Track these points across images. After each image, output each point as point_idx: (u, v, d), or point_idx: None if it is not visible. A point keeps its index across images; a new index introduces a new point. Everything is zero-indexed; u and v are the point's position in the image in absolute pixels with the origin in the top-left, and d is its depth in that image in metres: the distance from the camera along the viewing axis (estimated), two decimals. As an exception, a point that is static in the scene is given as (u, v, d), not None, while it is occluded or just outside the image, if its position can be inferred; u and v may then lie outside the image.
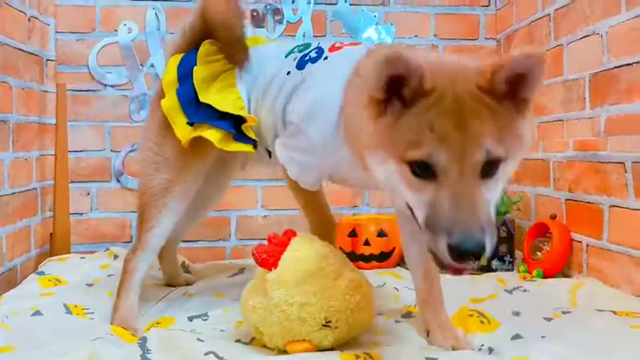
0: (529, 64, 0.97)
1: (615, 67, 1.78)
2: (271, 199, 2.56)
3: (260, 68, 1.57)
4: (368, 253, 2.24)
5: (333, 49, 1.48)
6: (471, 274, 2.09)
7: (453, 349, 1.29)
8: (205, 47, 1.58)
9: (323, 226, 1.54)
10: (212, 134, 1.48)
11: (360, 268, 2.16)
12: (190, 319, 1.58)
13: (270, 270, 1.29)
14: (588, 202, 1.91)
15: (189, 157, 1.55)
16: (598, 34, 1.88)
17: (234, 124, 1.51)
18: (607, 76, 1.83)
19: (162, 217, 1.54)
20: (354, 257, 2.24)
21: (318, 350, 1.26)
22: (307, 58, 1.48)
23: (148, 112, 1.71)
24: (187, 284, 1.97)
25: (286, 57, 1.54)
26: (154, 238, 1.55)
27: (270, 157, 1.59)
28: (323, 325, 1.25)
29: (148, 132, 1.62)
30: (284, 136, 1.44)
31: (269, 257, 1.31)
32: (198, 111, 1.50)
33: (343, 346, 1.30)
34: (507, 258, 2.15)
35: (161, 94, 1.60)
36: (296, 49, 1.55)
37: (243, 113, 1.51)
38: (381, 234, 2.25)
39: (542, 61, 0.98)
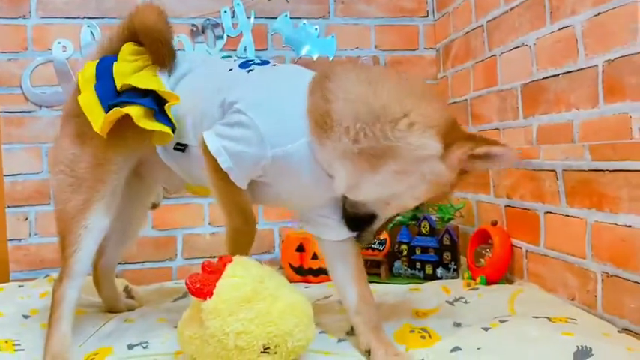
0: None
1: (544, 78, 1.84)
2: (218, 217, 2.52)
3: (186, 69, 1.53)
4: (316, 267, 2.23)
5: (276, 63, 1.50)
6: (417, 282, 2.12)
7: None
8: (128, 47, 1.52)
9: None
10: (133, 109, 1.39)
11: (309, 282, 2.22)
12: (130, 347, 1.54)
13: (205, 299, 1.26)
14: (525, 209, 1.96)
15: (105, 172, 1.48)
16: (527, 45, 1.93)
17: (155, 103, 1.43)
18: (536, 86, 1.88)
19: (84, 239, 1.47)
20: (302, 272, 2.24)
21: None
22: (251, 62, 1.46)
23: (57, 132, 1.60)
24: (129, 310, 1.91)
25: (223, 58, 1.54)
26: (77, 263, 1.48)
27: (183, 151, 1.49)
28: (262, 352, 1.23)
29: (59, 153, 1.54)
30: (219, 124, 1.36)
31: (203, 286, 1.27)
32: (117, 97, 1.42)
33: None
34: (452, 265, 2.18)
35: (73, 104, 1.51)
36: (234, 56, 1.54)
37: (164, 90, 1.44)
38: (328, 247, 2.25)
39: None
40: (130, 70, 1.47)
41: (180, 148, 1.49)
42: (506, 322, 1.48)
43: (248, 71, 1.44)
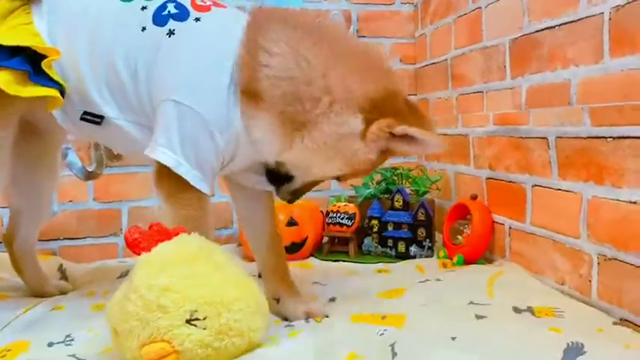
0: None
1: (536, 31, 1.60)
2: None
3: (71, 3, 1.30)
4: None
5: (199, 7, 1.25)
6: (388, 262, 1.92)
7: (307, 316, 1.33)
8: None
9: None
10: (0, 76, 1.17)
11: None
12: (50, 344, 1.29)
13: (140, 254, 1.06)
14: (510, 182, 1.75)
15: None
16: (518, -6, 1.69)
17: (29, 63, 1.20)
18: (528, 41, 1.65)
19: None
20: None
21: (179, 357, 1.00)
22: (166, 12, 1.23)
23: None
24: (62, 293, 1.67)
25: (124, 0, 1.29)
26: None
27: (99, 123, 1.29)
28: (187, 321, 1.00)
29: None
30: (159, 132, 1.20)
31: (142, 240, 1.08)
32: None
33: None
34: (426, 243, 1.97)
35: None
36: None
37: (38, 45, 1.21)
38: (291, 222, 2.02)
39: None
40: None
41: (95, 120, 1.28)
42: (485, 319, 1.27)
43: (168, 34, 1.23)
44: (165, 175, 1.21)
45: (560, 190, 1.51)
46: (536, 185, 1.62)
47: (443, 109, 2.24)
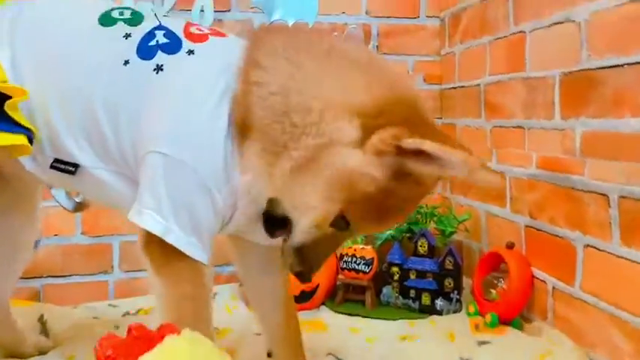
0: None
1: (598, 68, 1.36)
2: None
3: (39, 27, 1.13)
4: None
5: (193, 37, 1.10)
6: (412, 318, 1.70)
7: None
8: None
9: None
10: None
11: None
12: None
13: None
14: (555, 235, 1.53)
15: None
16: (574, 21, 1.45)
17: None
18: (585, 77, 1.41)
19: None
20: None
21: None
22: (154, 43, 1.08)
23: None
24: (41, 353, 1.50)
25: (104, 24, 1.12)
26: None
27: (73, 172, 1.11)
28: None
29: None
30: (144, 193, 1.03)
31: (117, 356, 0.85)
32: None
33: None
34: (454, 295, 1.75)
35: None
36: (118, 16, 1.13)
37: (3, 81, 1.03)
38: (301, 268, 1.81)
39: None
40: None
41: (67, 169, 1.10)
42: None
43: (155, 70, 1.05)
44: (155, 242, 1.02)
45: (621, 257, 1.29)
46: (589, 246, 1.40)
47: (472, 138, 2.01)
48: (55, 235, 1.98)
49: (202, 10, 2.03)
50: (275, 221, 1.03)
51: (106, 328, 1.64)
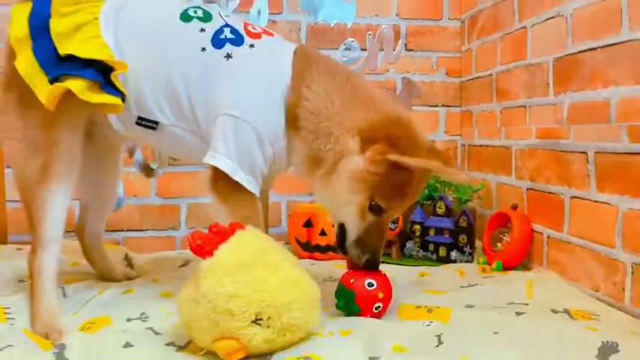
0: None
1: (579, 52, 1.69)
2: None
3: (136, 20, 1.43)
4: (324, 244, 2.13)
5: (251, 34, 1.45)
6: (430, 265, 2.02)
7: None
8: None
9: None
10: (75, 84, 1.30)
11: (315, 259, 2.12)
12: (129, 320, 1.44)
13: (204, 258, 1.18)
14: (550, 193, 1.84)
15: (57, 131, 1.39)
16: (563, 15, 1.78)
17: (100, 73, 1.34)
18: (571, 60, 1.74)
19: (49, 203, 1.38)
20: (310, 248, 2.15)
21: (248, 351, 1.14)
22: (224, 37, 1.41)
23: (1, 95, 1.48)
24: (128, 279, 1.82)
25: (184, 20, 1.44)
26: (49, 230, 1.39)
27: (154, 128, 1.44)
28: (253, 322, 1.13)
29: (6, 119, 1.44)
30: (218, 141, 1.36)
31: (204, 245, 1.20)
32: (59, 65, 1.32)
33: (277, 351, 1.18)
34: (467, 249, 2.07)
35: (12, 68, 1.38)
36: (193, 14, 1.45)
37: (110, 59, 1.36)
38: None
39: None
40: (67, 29, 1.36)
41: (150, 125, 1.43)
42: (524, 315, 1.38)
43: (226, 57, 1.39)
44: (221, 179, 1.38)
45: (597, 202, 1.59)
46: (574, 197, 1.71)
47: (486, 121, 2.34)
48: (134, 195, 2.33)
49: (259, 12, 2.41)
50: (341, 239, 1.41)
51: (176, 265, 1.99)
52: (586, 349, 1.14)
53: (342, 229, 1.39)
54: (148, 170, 2.20)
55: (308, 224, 2.16)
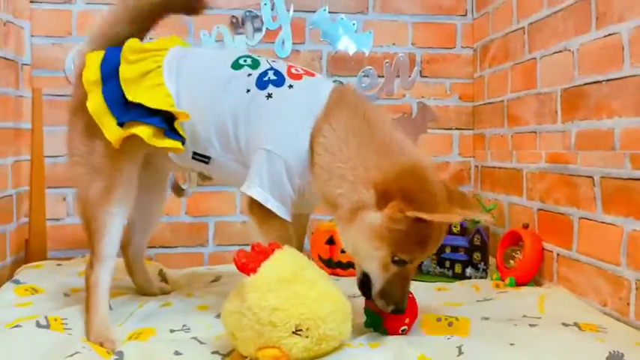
0: None
1: (585, 84, 1.83)
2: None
3: (194, 69, 1.58)
4: (345, 261, 2.25)
5: (292, 75, 1.57)
6: (446, 282, 2.14)
7: None
8: (129, 45, 1.56)
9: None
10: (143, 130, 1.46)
11: (337, 276, 2.24)
12: (172, 331, 1.56)
13: (248, 275, 1.31)
14: (559, 213, 1.96)
15: (120, 161, 1.54)
16: (569, 50, 1.93)
17: (164, 121, 1.51)
18: (577, 91, 1.88)
19: (109, 224, 1.54)
20: (332, 265, 2.27)
21: (289, 359, 1.27)
22: (267, 78, 1.54)
23: (67, 119, 1.64)
24: (163, 293, 1.95)
25: (234, 68, 1.58)
26: (106, 247, 1.54)
27: (207, 162, 1.60)
28: (293, 332, 1.26)
29: (73, 142, 1.60)
30: (254, 173, 1.49)
31: (248, 263, 1.33)
32: (127, 111, 1.49)
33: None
34: (481, 266, 2.19)
35: (80, 98, 1.56)
36: (243, 62, 1.59)
37: (173, 109, 1.52)
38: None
39: None
40: (134, 75, 1.52)
41: (203, 159, 1.60)
42: (536, 327, 1.50)
43: (267, 97, 1.52)
44: (256, 205, 1.51)
45: (603, 223, 1.72)
46: (582, 218, 1.83)
47: (498, 144, 2.47)
48: (166, 214, 2.46)
49: (283, 43, 2.57)
50: (366, 286, 1.43)
51: (205, 282, 2.10)
52: (595, 358, 1.26)
53: (366, 276, 1.43)
54: (178, 190, 2.36)
55: (330, 241, 2.29)
